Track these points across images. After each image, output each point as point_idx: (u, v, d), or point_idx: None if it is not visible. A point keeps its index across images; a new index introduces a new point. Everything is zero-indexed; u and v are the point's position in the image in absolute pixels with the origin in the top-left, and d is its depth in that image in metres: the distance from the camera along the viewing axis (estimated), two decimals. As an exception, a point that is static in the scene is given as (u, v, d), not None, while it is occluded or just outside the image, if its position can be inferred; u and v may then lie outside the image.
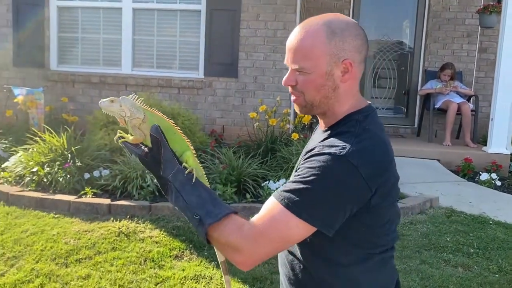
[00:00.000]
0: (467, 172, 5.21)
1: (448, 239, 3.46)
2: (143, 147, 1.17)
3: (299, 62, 1.18)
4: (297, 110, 1.28)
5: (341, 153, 1.08)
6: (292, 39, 1.20)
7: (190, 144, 1.22)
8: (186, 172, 1.15)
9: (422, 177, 4.95)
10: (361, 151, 1.10)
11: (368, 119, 1.20)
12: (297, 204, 1.07)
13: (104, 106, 1.14)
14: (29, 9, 5.79)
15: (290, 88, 1.24)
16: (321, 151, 1.11)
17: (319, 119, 1.31)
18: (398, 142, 6.28)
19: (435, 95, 6.35)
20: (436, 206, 4.09)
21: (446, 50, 6.83)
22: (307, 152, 1.17)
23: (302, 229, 1.08)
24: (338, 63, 1.17)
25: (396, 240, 1.28)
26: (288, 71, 1.23)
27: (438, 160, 5.62)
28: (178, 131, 1.20)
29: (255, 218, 1.11)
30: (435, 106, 6.34)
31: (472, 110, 6.17)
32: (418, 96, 6.91)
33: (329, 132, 1.22)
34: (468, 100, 6.42)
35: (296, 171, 1.16)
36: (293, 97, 1.25)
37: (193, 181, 1.15)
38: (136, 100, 1.16)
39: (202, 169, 1.23)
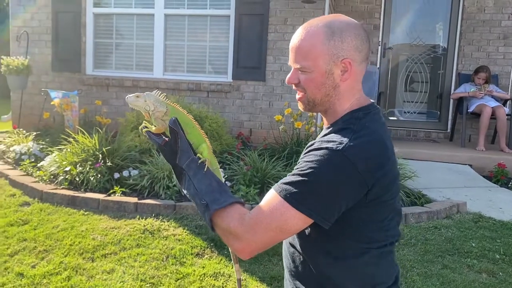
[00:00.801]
0: (500, 177, 5.06)
1: (473, 244, 3.38)
2: (163, 137, 1.26)
3: (300, 62, 1.24)
4: (301, 108, 1.33)
5: (338, 148, 1.12)
6: (294, 39, 1.26)
7: (207, 139, 1.31)
8: (199, 162, 1.23)
9: (452, 182, 4.84)
10: (358, 147, 1.13)
11: (369, 116, 1.24)
12: (294, 195, 1.12)
13: (130, 101, 1.25)
14: (67, 17, 6.07)
15: (293, 86, 1.30)
16: (319, 146, 1.15)
17: (322, 117, 1.35)
18: (430, 146, 6.16)
19: (469, 98, 6.20)
20: (463, 211, 3.99)
21: (480, 53, 6.65)
22: (307, 147, 1.21)
23: (299, 220, 1.13)
24: (337, 62, 1.21)
25: (398, 237, 1.30)
26: (291, 70, 1.29)
27: (470, 166, 5.48)
28: (196, 126, 1.29)
29: (255, 209, 1.16)
30: (469, 110, 6.19)
31: (507, 114, 5.99)
32: (451, 100, 6.76)
33: (330, 129, 1.26)
34: (504, 104, 6.23)
35: (296, 164, 1.21)
36: (297, 96, 1.31)
37: (205, 170, 1.23)
38: (159, 96, 1.27)
39: (217, 163, 1.32)
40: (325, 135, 1.23)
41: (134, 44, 6.16)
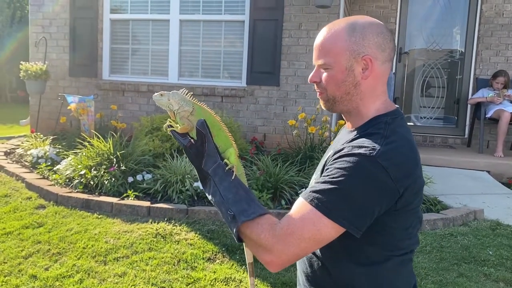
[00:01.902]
0: (519, 184, 4.95)
1: (490, 252, 3.30)
2: (189, 138, 1.21)
3: (322, 58, 1.23)
4: (322, 106, 1.31)
5: (371, 154, 1.09)
6: (318, 38, 1.26)
7: (234, 143, 1.26)
8: (227, 168, 1.18)
9: (469, 188, 4.75)
10: (390, 153, 1.10)
11: (396, 121, 1.21)
12: (326, 204, 1.08)
13: (155, 99, 1.23)
14: (84, 23, 6.17)
15: (315, 86, 1.29)
16: (350, 152, 1.12)
17: (345, 119, 1.33)
18: (447, 152, 6.07)
19: (487, 104, 6.10)
20: (480, 218, 3.91)
21: (499, 57, 6.53)
22: (335, 152, 1.17)
23: (331, 230, 1.08)
24: (358, 59, 1.20)
25: (417, 245, 1.27)
26: (314, 69, 1.28)
27: (488, 172, 5.37)
28: (223, 128, 1.24)
29: (285, 219, 1.12)
30: (486, 116, 6.08)
31: (527, 120, 5.86)
32: (469, 105, 6.65)
33: (356, 132, 1.23)
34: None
35: (325, 171, 1.16)
36: (318, 93, 1.29)
37: (232, 178, 1.17)
38: (186, 95, 1.23)
39: (242, 168, 1.27)
40: (353, 139, 1.19)
41: (149, 49, 6.22)
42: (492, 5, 6.50)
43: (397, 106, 1.28)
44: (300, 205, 1.12)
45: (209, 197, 1.20)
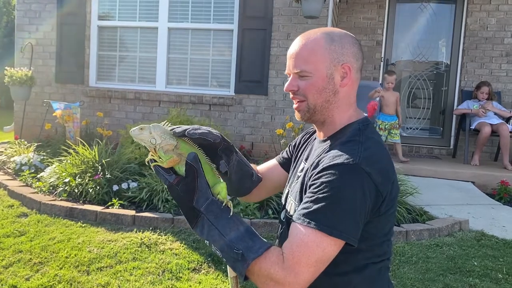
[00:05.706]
0: (503, 195, 5.00)
1: (475, 263, 3.32)
2: (174, 174, 1.14)
3: (300, 66, 1.22)
4: (298, 117, 1.29)
5: (355, 162, 1.09)
6: (294, 47, 1.26)
7: (219, 175, 1.21)
8: (223, 205, 1.14)
9: (454, 199, 4.79)
10: (369, 158, 1.12)
11: (369, 128, 1.23)
12: (325, 223, 1.06)
13: (134, 134, 1.15)
14: (71, 29, 6.12)
15: (291, 94, 1.27)
16: (332, 163, 1.11)
17: (316, 130, 1.33)
18: (432, 163, 6.12)
19: (472, 115, 6.18)
20: (465, 229, 3.93)
21: (483, 70, 6.64)
22: (315, 166, 1.16)
23: (334, 246, 1.08)
24: (337, 66, 1.22)
25: (391, 254, 1.28)
26: (290, 78, 1.27)
27: (473, 183, 5.43)
28: (208, 162, 1.19)
29: (288, 249, 1.09)
30: (471, 127, 6.15)
31: (511, 132, 5.95)
32: (454, 116, 6.73)
33: (329, 142, 1.24)
34: (507, 121, 6.19)
35: (309, 186, 1.13)
36: (295, 105, 1.28)
37: (230, 214, 1.13)
38: (168, 127, 1.17)
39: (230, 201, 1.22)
40: (329, 149, 1.19)
41: (137, 57, 6.19)
42: (477, 18, 6.61)
43: (365, 114, 1.29)
44: (298, 230, 1.09)
45: (203, 237, 1.14)
